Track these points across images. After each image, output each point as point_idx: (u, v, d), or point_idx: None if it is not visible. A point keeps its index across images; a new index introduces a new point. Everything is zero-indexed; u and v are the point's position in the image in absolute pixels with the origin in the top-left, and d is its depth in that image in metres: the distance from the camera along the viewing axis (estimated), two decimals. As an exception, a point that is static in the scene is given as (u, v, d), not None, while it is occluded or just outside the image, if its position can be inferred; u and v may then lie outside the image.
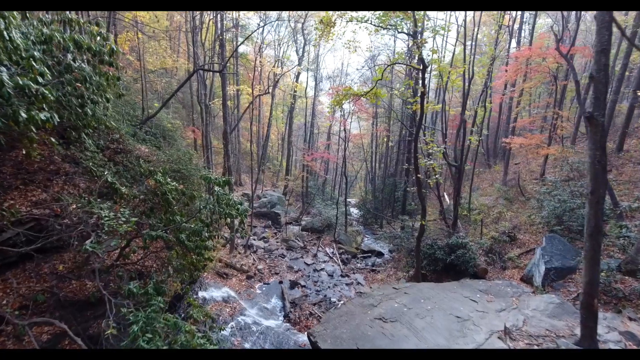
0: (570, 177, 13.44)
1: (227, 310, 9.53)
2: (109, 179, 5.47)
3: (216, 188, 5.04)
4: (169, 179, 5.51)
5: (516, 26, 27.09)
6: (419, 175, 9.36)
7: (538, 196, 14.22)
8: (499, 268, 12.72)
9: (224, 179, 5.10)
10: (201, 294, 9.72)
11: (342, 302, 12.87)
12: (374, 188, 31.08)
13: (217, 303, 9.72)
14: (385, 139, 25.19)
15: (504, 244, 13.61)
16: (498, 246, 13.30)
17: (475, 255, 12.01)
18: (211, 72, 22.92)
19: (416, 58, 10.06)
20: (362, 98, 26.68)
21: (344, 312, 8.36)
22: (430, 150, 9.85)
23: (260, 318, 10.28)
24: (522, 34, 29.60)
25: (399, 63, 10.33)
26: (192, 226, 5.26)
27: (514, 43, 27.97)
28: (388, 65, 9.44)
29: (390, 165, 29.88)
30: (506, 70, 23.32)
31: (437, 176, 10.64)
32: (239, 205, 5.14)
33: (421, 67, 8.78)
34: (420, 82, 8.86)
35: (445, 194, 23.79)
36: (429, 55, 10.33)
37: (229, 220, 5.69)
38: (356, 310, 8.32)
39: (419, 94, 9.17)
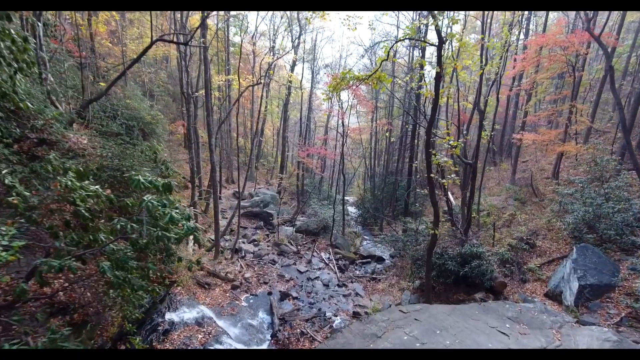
0: (597, 177, 11.83)
1: (199, 336, 7.91)
2: (6, 181, 3.79)
3: (146, 197, 3.37)
4: (93, 182, 3.82)
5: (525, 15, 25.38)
6: (432, 175, 7.74)
7: (560, 198, 12.60)
8: (517, 280, 11.14)
9: (163, 181, 3.46)
10: (169, 316, 8.07)
11: (337, 320, 11.27)
12: (374, 186, 29.44)
13: (188, 328, 8.08)
14: (387, 134, 23.48)
15: (522, 252, 12.03)
16: (515, 255, 11.71)
17: (491, 267, 10.40)
18: (200, 61, 21.19)
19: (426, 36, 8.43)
20: (361, 89, 24.98)
21: (340, 344, 6.74)
22: (447, 145, 8.20)
23: (239, 344, 8.64)
24: (530, 25, 28.00)
25: (410, 39, 8.66)
26: (122, 249, 3.61)
27: (521, 35, 26.29)
28: (396, 42, 7.80)
29: (391, 162, 28.22)
30: (515, 60, 21.68)
31: (452, 175, 9.01)
32: (185, 222, 3.49)
33: (437, 43, 7.11)
34: (436, 60, 7.20)
35: (449, 194, 22.23)
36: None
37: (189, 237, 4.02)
38: (355, 342, 6.71)
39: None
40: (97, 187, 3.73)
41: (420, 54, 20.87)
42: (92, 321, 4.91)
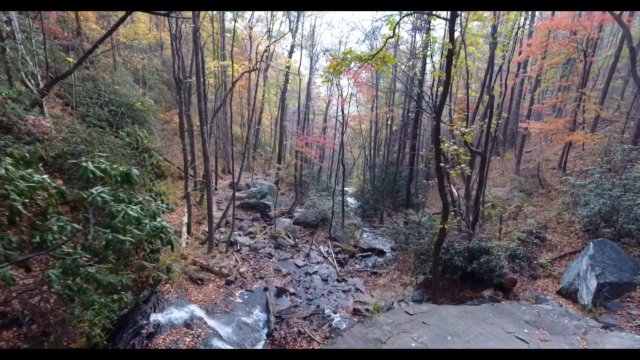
0: (611, 167, 11.16)
1: (187, 339, 7.28)
2: None
3: (94, 190, 2.63)
4: (43, 171, 3.08)
5: None
6: (441, 165, 7.03)
7: (571, 189, 11.92)
8: (527, 277, 10.54)
9: (120, 170, 2.74)
10: (155, 317, 7.43)
11: (337, 317, 10.68)
12: (374, 177, 28.74)
13: (175, 330, 7.45)
14: (388, 122, 22.66)
15: (532, 246, 11.41)
16: (525, 249, 11.08)
17: (501, 263, 9.78)
18: (190, 46, 20.11)
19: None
20: (362, 76, 24.07)
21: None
22: (457, 132, 7.46)
23: (231, 346, 8.03)
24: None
25: (420, 12, 7.78)
26: (72, 253, 2.89)
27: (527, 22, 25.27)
28: (404, 16, 6.98)
29: (391, 152, 27.45)
30: (521, 45, 20.75)
31: (463, 165, 8.30)
32: (148, 222, 2.75)
33: (449, 16, 6.32)
34: (448, 36, 6.43)
35: (451, 185, 21.55)
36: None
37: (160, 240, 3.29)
38: (357, 348, 6.09)
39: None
40: (44, 177, 3.00)
41: (424, 37, 19.94)
42: (56, 331, 4.26)
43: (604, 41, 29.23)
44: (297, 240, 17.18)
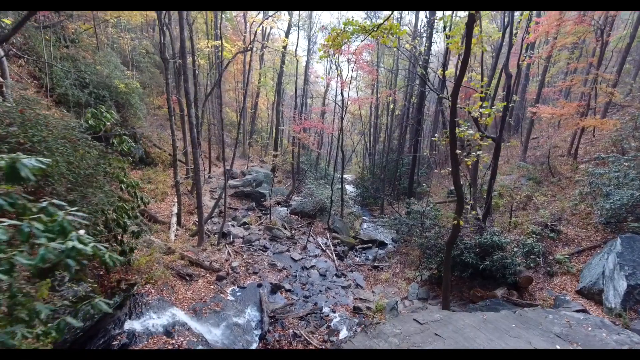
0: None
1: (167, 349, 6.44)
2: None
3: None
4: None
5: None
6: (457, 152, 6.05)
7: (590, 178, 10.98)
8: (542, 274, 9.71)
9: (3, 161, 1.77)
10: (130, 325, 6.55)
11: (336, 317, 9.87)
12: (374, 164, 27.73)
13: (153, 339, 6.59)
14: (391, 105, 21.49)
15: (547, 240, 10.55)
16: (541, 244, 10.22)
17: (516, 260, 8.92)
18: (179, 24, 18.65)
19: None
20: (363, 56, 22.72)
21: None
22: (476, 114, 6.45)
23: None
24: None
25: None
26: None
27: None
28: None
29: (392, 138, 26.36)
30: (535, 23, 19.41)
31: (479, 152, 7.32)
32: (48, 240, 1.75)
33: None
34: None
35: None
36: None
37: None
38: (360, 365, 5.21)
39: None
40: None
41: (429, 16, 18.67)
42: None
43: (617, 21, 27.79)
44: (293, 231, 16.30)
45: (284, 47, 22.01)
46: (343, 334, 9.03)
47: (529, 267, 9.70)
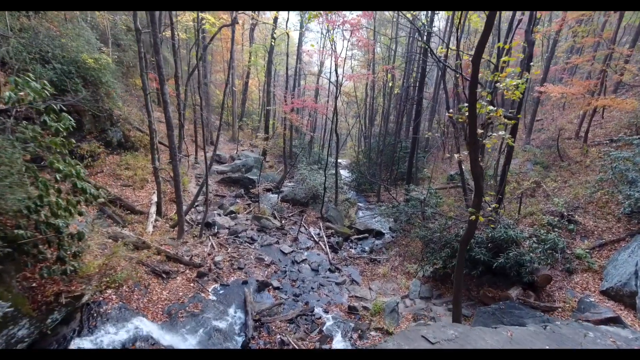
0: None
1: (122, 376, 5.33)
2: None
3: None
4: None
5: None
6: (477, 132, 4.85)
7: (614, 163, 9.84)
8: (561, 270, 8.68)
9: None
10: (79, 343, 5.38)
11: (329, 319, 8.80)
12: (369, 148, 26.42)
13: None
14: (390, 83, 20.00)
15: (565, 232, 9.50)
16: (562, 239, 9.14)
17: (533, 256, 7.85)
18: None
19: None
20: (360, 32, 21.07)
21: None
22: (502, 85, 5.20)
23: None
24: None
25: None
26: None
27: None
28: None
29: (389, 121, 24.98)
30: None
31: (502, 132, 6.10)
32: None
33: None
34: None
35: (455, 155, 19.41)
36: None
37: None
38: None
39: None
40: None
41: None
42: None
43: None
44: (284, 221, 15.13)
45: (274, 21, 20.22)
46: (337, 340, 7.99)
47: (547, 264, 8.66)
